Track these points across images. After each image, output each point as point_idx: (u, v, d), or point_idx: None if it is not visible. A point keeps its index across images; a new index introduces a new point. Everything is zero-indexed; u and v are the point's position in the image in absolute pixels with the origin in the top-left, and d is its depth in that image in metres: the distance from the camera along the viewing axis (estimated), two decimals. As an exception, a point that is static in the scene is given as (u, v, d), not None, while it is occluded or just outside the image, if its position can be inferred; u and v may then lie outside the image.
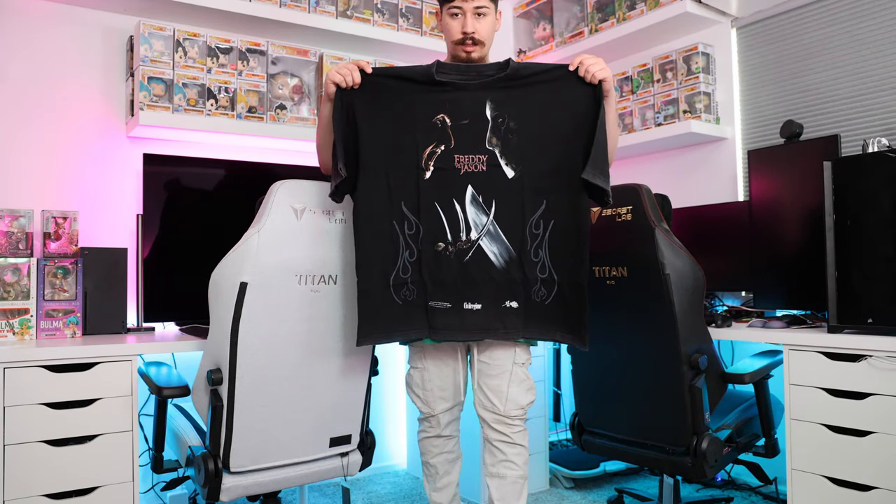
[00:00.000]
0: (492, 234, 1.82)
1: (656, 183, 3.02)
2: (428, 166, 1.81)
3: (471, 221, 1.82)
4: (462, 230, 1.82)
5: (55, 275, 2.24)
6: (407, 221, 1.82)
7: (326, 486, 2.97)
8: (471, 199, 1.81)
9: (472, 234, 1.82)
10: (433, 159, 1.81)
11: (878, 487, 1.83)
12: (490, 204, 1.81)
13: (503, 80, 1.81)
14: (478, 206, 1.81)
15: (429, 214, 1.82)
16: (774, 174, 2.45)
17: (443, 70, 1.82)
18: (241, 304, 1.81)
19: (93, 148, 2.60)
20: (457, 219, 1.82)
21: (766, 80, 2.81)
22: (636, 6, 3.01)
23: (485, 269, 1.82)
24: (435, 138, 1.81)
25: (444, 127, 1.81)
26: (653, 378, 2.07)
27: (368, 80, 1.81)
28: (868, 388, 1.85)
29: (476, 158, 1.80)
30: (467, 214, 1.82)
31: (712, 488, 2.83)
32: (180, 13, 2.65)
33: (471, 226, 1.82)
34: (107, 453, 1.98)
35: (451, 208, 1.82)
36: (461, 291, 1.82)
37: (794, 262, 2.37)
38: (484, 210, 1.81)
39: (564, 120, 1.80)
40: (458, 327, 1.84)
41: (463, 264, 1.82)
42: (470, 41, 1.90)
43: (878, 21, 2.46)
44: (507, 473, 1.93)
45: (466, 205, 1.82)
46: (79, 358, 1.95)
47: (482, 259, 1.82)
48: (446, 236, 1.82)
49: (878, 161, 1.95)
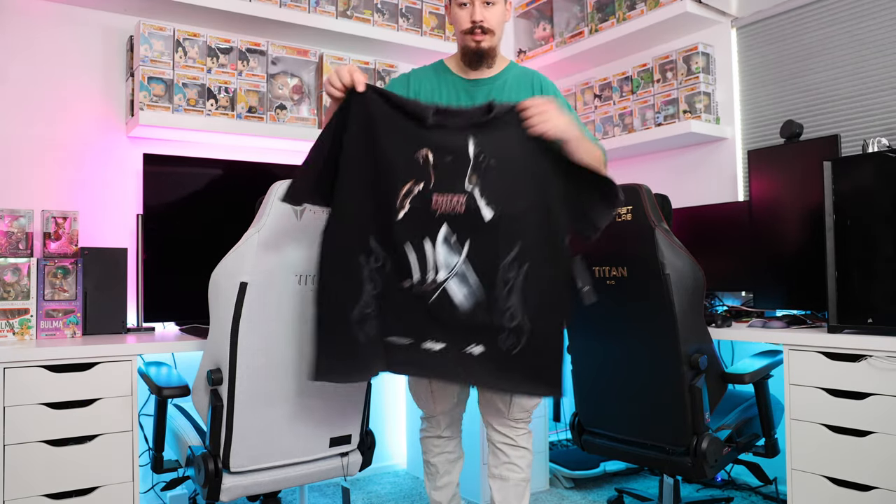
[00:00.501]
0: (461, 275, 1.72)
1: (656, 183, 3.02)
2: (403, 205, 1.72)
3: (440, 261, 1.72)
4: (430, 269, 1.72)
5: (55, 275, 2.24)
6: (374, 255, 1.75)
7: (326, 486, 2.97)
8: (443, 239, 1.72)
9: (439, 275, 1.72)
10: (409, 198, 1.72)
11: (878, 487, 1.83)
12: (463, 244, 1.72)
13: (488, 121, 1.72)
14: (449, 247, 1.72)
15: (397, 252, 1.73)
16: (774, 174, 2.45)
17: (438, 113, 1.73)
18: (241, 304, 1.81)
19: (93, 148, 2.60)
20: (425, 258, 1.73)
21: (766, 80, 2.81)
22: (636, 6, 3.01)
23: (449, 310, 1.72)
24: (414, 175, 1.72)
25: (426, 164, 1.72)
26: (653, 378, 2.07)
27: (369, 97, 1.73)
28: (868, 388, 1.85)
29: (454, 199, 1.71)
30: (437, 254, 1.72)
31: (712, 488, 2.83)
32: (180, 13, 2.65)
33: (439, 266, 1.72)
34: (107, 453, 1.98)
35: (421, 247, 1.73)
36: (423, 329, 1.74)
37: (794, 262, 2.37)
38: (456, 250, 1.72)
39: (540, 160, 1.71)
40: (418, 365, 1.77)
41: (428, 304, 1.73)
42: (479, 30, 1.85)
43: (878, 21, 2.46)
44: (510, 476, 1.93)
45: (438, 244, 1.72)
46: (79, 358, 1.95)
47: (447, 300, 1.72)
48: (412, 275, 1.73)
49: (878, 161, 1.95)
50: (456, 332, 1.73)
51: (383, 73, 3.04)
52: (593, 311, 1.95)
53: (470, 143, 1.71)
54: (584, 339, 2.28)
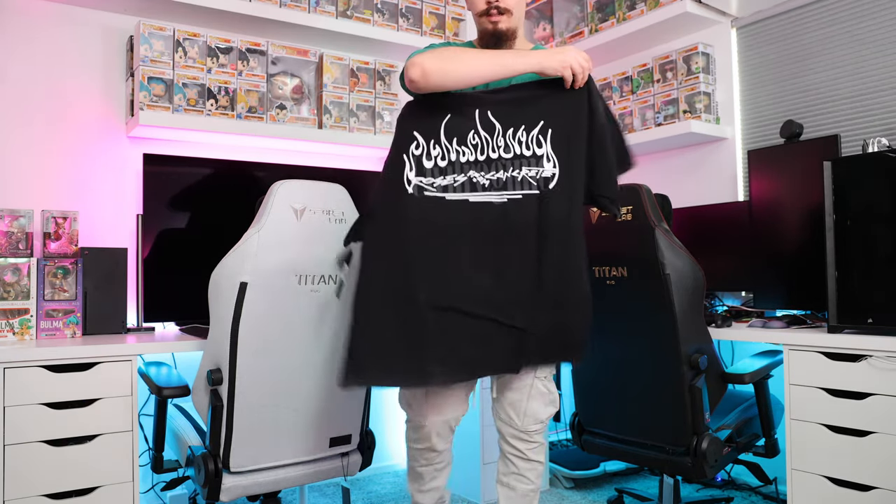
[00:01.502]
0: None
1: (656, 183, 3.02)
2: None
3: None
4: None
5: (55, 275, 2.24)
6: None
7: (326, 486, 2.97)
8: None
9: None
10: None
11: (878, 487, 1.83)
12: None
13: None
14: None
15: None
16: (774, 174, 2.45)
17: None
18: (241, 304, 1.81)
19: (93, 148, 2.60)
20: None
21: (766, 80, 2.81)
22: (636, 6, 3.01)
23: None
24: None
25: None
26: (653, 378, 2.07)
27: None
28: (868, 388, 1.85)
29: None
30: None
31: (712, 488, 2.83)
32: (180, 13, 2.65)
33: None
34: (107, 453, 1.98)
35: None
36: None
37: (794, 262, 2.37)
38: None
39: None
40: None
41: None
42: (495, 10, 1.74)
43: (878, 21, 2.46)
44: (518, 486, 1.86)
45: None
46: (79, 358, 1.95)
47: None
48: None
49: (878, 161, 1.95)
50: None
51: (383, 73, 3.04)
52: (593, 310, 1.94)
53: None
54: (584, 339, 2.27)
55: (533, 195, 1.67)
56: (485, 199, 1.66)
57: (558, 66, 1.64)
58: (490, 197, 1.66)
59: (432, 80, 1.61)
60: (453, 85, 1.64)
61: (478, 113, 1.68)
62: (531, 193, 1.67)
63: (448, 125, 1.67)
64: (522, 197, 1.67)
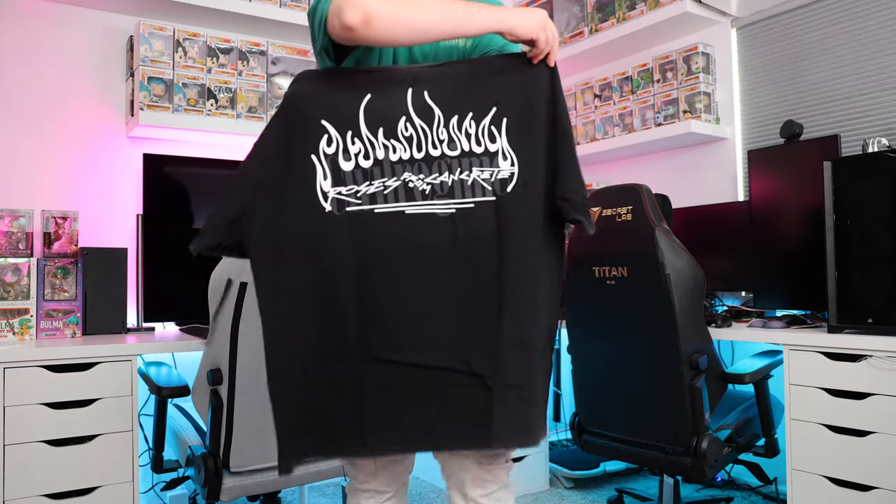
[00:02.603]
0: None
1: (656, 183, 3.02)
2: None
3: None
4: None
5: (55, 275, 2.24)
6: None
7: (326, 486, 2.97)
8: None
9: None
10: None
11: (878, 487, 1.83)
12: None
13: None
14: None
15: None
16: (774, 174, 2.45)
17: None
18: (241, 304, 1.81)
19: (93, 148, 2.60)
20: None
21: (766, 80, 2.81)
22: (636, 6, 3.01)
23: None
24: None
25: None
26: (653, 378, 2.07)
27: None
28: (868, 388, 1.85)
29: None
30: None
31: (712, 488, 2.83)
32: (180, 13, 2.65)
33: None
34: (107, 453, 1.98)
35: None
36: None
37: (794, 262, 2.37)
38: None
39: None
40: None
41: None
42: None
43: (878, 21, 2.46)
44: None
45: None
46: (79, 358, 1.95)
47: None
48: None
49: (878, 161, 1.95)
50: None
51: (383, 73, 3.04)
52: (594, 311, 1.94)
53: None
54: (584, 338, 2.28)
55: (487, 203, 1.26)
56: (426, 209, 1.25)
57: (534, 27, 1.23)
58: (433, 207, 1.25)
59: (378, 29, 1.16)
60: (404, 39, 1.21)
61: (411, 94, 1.25)
62: (485, 201, 1.26)
63: (369, 109, 1.24)
64: (474, 206, 1.26)
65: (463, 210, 1.26)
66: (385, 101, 1.24)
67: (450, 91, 1.26)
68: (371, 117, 1.24)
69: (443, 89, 1.26)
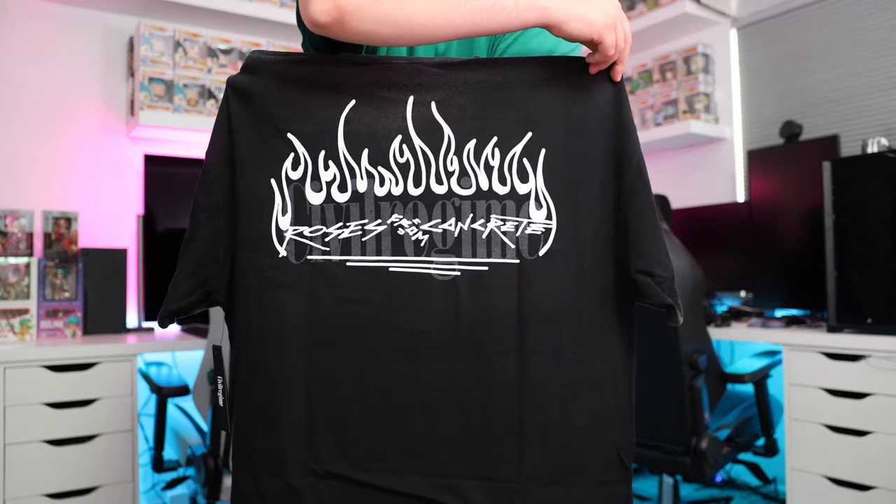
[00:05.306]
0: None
1: (656, 183, 3.02)
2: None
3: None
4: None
5: (55, 275, 2.24)
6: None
7: (326, 486, 2.97)
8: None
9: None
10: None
11: (877, 487, 1.83)
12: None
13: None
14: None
15: None
16: (774, 174, 2.45)
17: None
18: (241, 303, 1.81)
19: (93, 148, 2.60)
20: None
21: (766, 80, 2.82)
22: (636, 6, 3.01)
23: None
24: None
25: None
26: (652, 378, 2.07)
27: None
28: (867, 388, 1.85)
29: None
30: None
31: (712, 488, 2.83)
32: (180, 13, 2.65)
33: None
34: (107, 453, 1.98)
35: None
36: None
37: (794, 262, 2.37)
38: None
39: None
40: None
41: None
42: None
43: (878, 21, 2.46)
44: None
45: None
46: (79, 358, 1.96)
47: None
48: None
49: (878, 161, 1.95)
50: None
51: (383, 73, 3.04)
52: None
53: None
54: (584, 339, 2.28)
55: (508, 266, 0.90)
56: (418, 268, 0.91)
57: (597, 24, 0.85)
58: (429, 266, 0.90)
59: (356, 28, 0.82)
60: (392, 40, 0.85)
61: (412, 103, 0.91)
62: (505, 263, 0.90)
63: (352, 121, 0.91)
64: (489, 269, 0.90)
65: (471, 273, 0.90)
66: (375, 112, 0.90)
67: (468, 104, 0.90)
68: (353, 132, 0.90)
69: (458, 101, 0.90)
